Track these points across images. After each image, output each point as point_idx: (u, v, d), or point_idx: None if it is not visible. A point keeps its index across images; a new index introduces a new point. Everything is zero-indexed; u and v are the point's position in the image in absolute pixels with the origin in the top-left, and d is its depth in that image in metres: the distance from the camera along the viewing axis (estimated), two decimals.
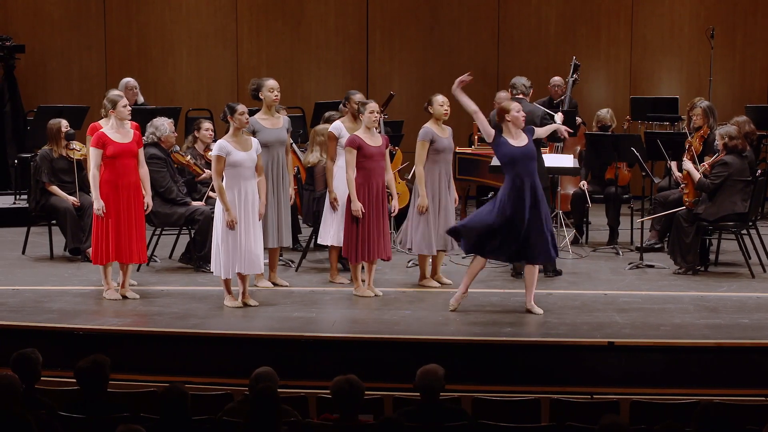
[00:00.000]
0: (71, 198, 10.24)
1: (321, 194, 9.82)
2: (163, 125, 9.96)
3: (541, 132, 8.76)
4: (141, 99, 12.23)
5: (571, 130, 9.72)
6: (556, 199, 10.69)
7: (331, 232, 9.22)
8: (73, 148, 10.34)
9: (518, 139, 8.27)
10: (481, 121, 8.32)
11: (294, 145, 10.03)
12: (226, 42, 14.68)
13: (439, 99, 9.15)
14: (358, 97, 9.57)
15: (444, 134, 9.16)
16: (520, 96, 9.82)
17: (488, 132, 8.27)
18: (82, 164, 10.40)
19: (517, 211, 8.16)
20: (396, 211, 9.24)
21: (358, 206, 8.72)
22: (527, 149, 8.25)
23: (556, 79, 12.49)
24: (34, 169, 10.46)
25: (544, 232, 8.22)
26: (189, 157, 10.11)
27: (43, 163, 10.31)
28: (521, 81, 9.97)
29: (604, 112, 11.52)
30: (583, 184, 10.83)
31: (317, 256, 10.35)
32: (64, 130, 10.35)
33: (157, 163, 9.73)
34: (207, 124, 10.39)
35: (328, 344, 7.76)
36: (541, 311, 8.31)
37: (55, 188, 10.28)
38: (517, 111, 8.29)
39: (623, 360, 7.52)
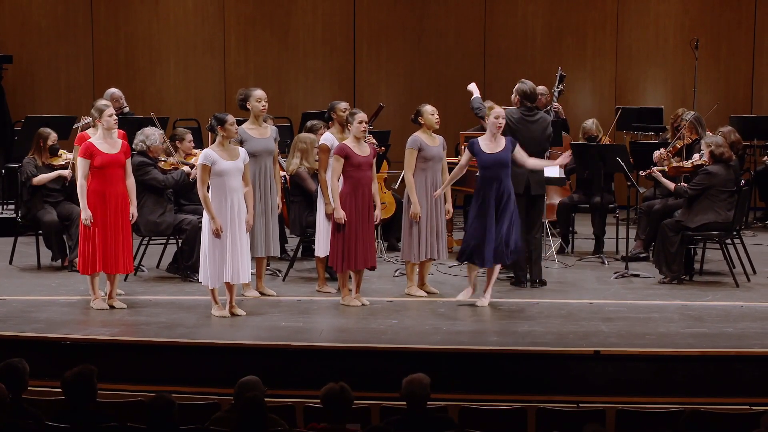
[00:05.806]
0: (64, 172, 10.19)
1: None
2: (154, 135, 9.94)
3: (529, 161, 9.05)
4: (126, 108, 12.22)
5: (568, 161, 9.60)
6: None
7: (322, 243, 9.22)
8: (56, 156, 10.34)
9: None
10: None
11: (279, 156, 10.04)
12: (213, 52, 14.69)
13: (429, 109, 9.20)
14: (342, 105, 9.61)
15: (434, 143, 9.20)
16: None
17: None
18: (69, 168, 10.39)
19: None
20: (378, 220, 9.22)
21: (341, 214, 8.72)
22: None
23: (541, 89, 12.50)
24: (20, 174, 10.43)
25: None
26: (171, 158, 10.12)
27: (29, 167, 10.29)
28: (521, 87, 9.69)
29: (590, 123, 11.56)
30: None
31: (304, 266, 10.36)
32: (50, 142, 10.34)
33: (149, 165, 9.73)
34: (188, 136, 10.37)
35: (315, 353, 7.77)
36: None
37: (42, 176, 10.25)
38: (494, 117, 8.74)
39: (609, 369, 7.55)
